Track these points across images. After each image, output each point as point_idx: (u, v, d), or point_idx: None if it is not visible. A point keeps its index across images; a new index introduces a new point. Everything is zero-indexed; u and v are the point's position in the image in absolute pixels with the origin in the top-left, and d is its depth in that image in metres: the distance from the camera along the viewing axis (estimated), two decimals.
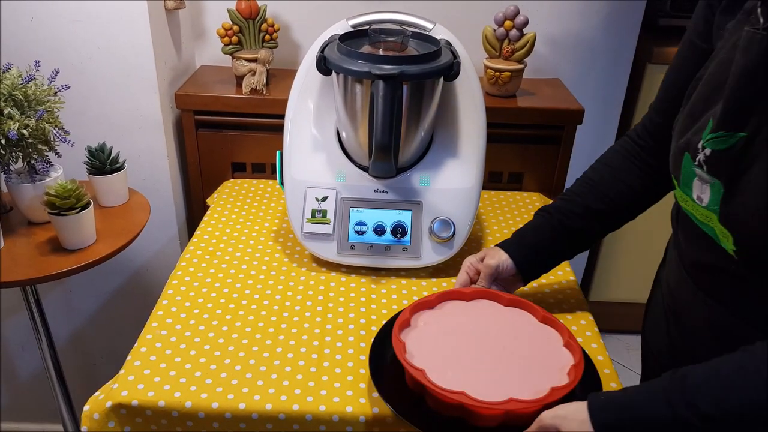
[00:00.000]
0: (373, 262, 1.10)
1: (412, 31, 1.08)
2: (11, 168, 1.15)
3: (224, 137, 1.44)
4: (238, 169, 1.49)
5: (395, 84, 0.95)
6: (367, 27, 1.09)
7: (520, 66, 1.43)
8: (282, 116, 1.15)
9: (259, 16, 1.43)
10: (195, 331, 0.96)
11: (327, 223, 1.10)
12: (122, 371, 0.88)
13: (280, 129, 1.15)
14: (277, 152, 1.16)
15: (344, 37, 1.07)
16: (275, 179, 1.39)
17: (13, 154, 1.10)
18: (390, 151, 0.98)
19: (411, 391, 0.81)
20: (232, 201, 1.34)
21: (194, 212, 1.54)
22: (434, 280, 1.11)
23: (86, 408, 0.85)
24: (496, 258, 0.94)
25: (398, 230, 1.09)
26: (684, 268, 0.79)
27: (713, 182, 0.67)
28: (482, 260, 0.96)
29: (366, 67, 0.96)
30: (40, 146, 1.12)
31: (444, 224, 1.09)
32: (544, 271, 0.99)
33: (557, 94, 1.51)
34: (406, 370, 0.79)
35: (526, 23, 1.41)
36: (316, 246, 1.10)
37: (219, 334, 0.95)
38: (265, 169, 1.49)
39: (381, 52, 1.03)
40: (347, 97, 1.05)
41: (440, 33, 1.11)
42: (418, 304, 0.90)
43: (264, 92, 1.40)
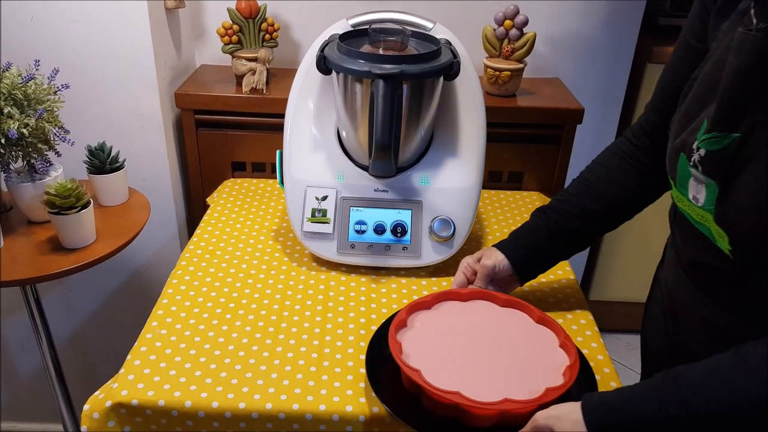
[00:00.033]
0: (373, 262, 1.10)
1: (412, 31, 1.08)
2: (11, 167, 1.15)
3: (224, 136, 1.44)
4: (238, 169, 1.49)
5: (395, 83, 0.95)
6: (367, 26, 1.09)
7: (520, 65, 1.43)
8: (282, 115, 1.15)
9: (259, 16, 1.43)
10: (195, 330, 0.96)
11: (327, 223, 1.10)
12: (122, 370, 0.88)
13: (280, 128, 1.15)
14: (277, 151, 1.16)
15: (344, 37, 1.07)
16: (275, 178, 1.39)
17: (13, 153, 1.10)
18: (390, 150, 0.98)
19: (407, 391, 0.82)
20: (232, 200, 1.34)
21: (194, 211, 1.54)
22: (434, 279, 1.11)
23: (86, 407, 0.85)
24: (493, 258, 0.95)
25: (398, 229, 1.09)
26: (682, 268, 0.79)
27: (708, 182, 0.67)
28: (479, 261, 0.96)
29: (366, 66, 0.96)
30: (39, 145, 1.12)
31: (444, 223, 1.09)
32: (540, 271, 0.99)
33: (557, 93, 1.51)
34: (402, 370, 0.79)
35: (526, 23, 1.41)
36: (316, 245, 1.11)
37: (219, 333, 0.95)
38: (265, 168, 1.49)
39: (381, 51, 1.03)
40: (347, 96, 1.05)
41: (440, 32, 1.11)
42: (414, 304, 0.90)
43: (264, 91, 1.40)
